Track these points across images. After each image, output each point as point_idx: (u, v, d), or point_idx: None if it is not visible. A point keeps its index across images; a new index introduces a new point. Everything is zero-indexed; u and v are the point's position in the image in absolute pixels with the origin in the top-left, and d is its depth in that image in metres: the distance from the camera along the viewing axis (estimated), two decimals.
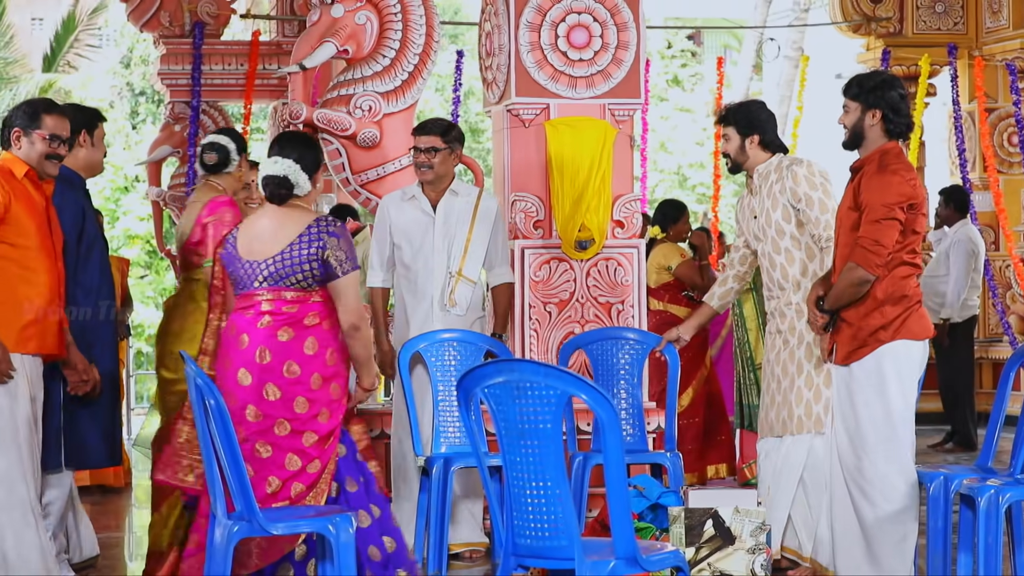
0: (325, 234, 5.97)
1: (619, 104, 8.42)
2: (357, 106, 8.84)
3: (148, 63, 27.61)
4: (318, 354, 6.01)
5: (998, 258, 14.57)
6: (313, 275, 5.98)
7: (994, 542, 6.18)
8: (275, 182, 6.06)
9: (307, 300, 6.01)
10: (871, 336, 6.43)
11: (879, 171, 6.39)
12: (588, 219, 8.26)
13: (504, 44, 8.37)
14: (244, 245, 6.08)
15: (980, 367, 14.18)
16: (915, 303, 6.50)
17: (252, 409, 5.96)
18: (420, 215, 7.75)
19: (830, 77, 25.71)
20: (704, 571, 6.64)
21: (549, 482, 4.99)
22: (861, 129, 6.51)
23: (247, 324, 6.01)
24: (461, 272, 7.70)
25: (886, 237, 6.33)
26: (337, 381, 6.06)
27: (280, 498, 5.97)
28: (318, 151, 6.20)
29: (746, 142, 7.21)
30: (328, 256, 5.95)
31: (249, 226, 6.15)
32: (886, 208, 6.32)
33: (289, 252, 5.96)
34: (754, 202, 7.29)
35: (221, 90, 14.18)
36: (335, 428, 6.03)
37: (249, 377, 5.97)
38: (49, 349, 6.41)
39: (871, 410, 6.45)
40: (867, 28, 14.85)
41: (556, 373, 4.94)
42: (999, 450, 6.73)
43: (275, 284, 5.99)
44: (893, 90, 6.47)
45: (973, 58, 14.60)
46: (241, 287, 6.08)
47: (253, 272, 6.01)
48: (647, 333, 8.02)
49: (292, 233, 5.99)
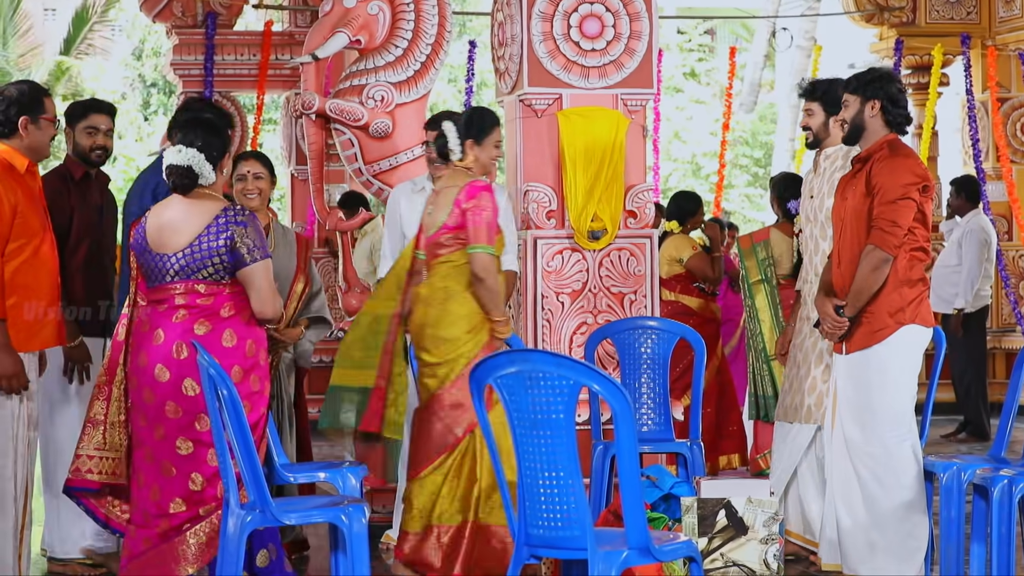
0: (232, 224, 5.84)
1: (631, 94, 8.41)
2: (369, 96, 8.84)
3: (160, 55, 27.62)
4: (237, 346, 5.90)
5: (1011, 248, 14.55)
6: (224, 266, 5.85)
7: (1007, 532, 6.17)
8: (179, 172, 5.92)
9: (221, 292, 5.88)
10: (891, 317, 6.45)
11: (891, 155, 6.44)
12: (601, 209, 8.25)
13: (516, 34, 8.36)
14: (154, 237, 5.94)
15: (993, 357, 14.16)
16: (927, 287, 6.57)
17: (172, 405, 5.85)
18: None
19: (843, 67, 25.68)
20: (717, 561, 6.65)
21: (562, 472, 4.99)
22: (861, 121, 6.56)
23: (161, 319, 5.89)
24: None
25: (903, 217, 6.37)
26: (257, 372, 5.96)
27: (205, 495, 5.88)
28: (224, 138, 6.04)
29: (831, 120, 7.28)
30: (237, 245, 5.82)
31: (157, 216, 6.00)
32: (902, 188, 6.37)
33: (198, 244, 5.83)
34: (815, 182, 7.35)
35: (233, 80, 14.19)
36: (258, 420, 5.92)
37: (167, 373, 5.84)
38: (50, 343, 6.43)
39: (886, 393, 6.46)
40: (880, 18, 14.82)
41: (569, 363, 4.94)
42: (1012, 440, 6.73)
43: (187, 277, 5.86)
44: (891, 83, 6.56)
45: (986, 48, 14.56)
46: (153, 280, 5.94)
47: (164, 265, 5.89)
48: (671, 322, 8.08)
49: (200, 224, 5.86)
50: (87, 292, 7.26)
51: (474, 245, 6.79)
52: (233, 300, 5.91)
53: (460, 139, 6.97)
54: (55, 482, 7.22)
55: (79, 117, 7.43)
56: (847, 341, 6.56)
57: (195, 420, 5.85)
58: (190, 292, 5.88)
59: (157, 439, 5.86)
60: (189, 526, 5.84)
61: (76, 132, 7.41)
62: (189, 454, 5.86)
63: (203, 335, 5.84)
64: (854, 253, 6.51)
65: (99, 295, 7.36)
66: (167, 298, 5.90)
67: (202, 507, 5.85)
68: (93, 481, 6.09)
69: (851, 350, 6.56)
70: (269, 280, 5.92)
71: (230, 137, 6.14)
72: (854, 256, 6.50)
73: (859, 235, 6.51)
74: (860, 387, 6.51)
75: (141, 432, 5.93)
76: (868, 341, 6.48)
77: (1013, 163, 14.45)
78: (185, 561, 5.82)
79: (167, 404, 5.85)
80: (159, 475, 5.87)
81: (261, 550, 6.09)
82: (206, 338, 5.83)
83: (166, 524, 5.85)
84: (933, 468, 6.54)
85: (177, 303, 5.88)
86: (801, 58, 26.62)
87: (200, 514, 5.85)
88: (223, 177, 6.06)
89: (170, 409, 5.85)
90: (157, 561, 5.84)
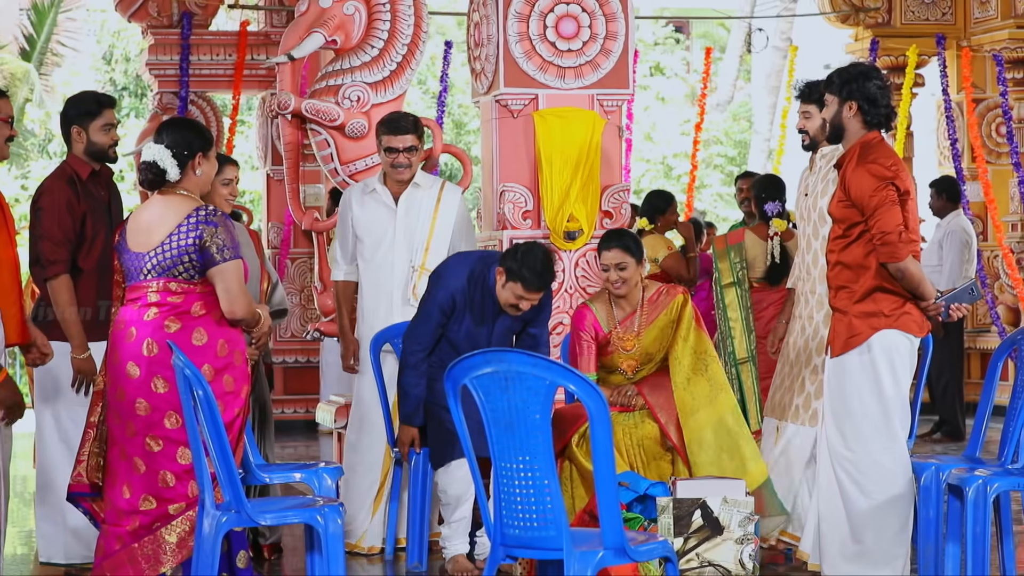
0: (203, 223, 5.83)
1: (608, 95, 8.42)
2: (345, 96, 8.82)
3: (129, 60, 27.54)
4: (208, 345, 5.88)
5: (987, 248, 14.58)
6: (194, 265, 5.85)
7: (982, 532, 6.19)
8: (144, 167, 5.94)
9: (192, 291, 5.88)
10: (864, 322, 6.42)
11: (858, 163, 6.39)
12: (576, 210, 8.26)
13: (492, 34, 8.36)
14: (131, 235, 5.97)
15: (969, 357, 14.19)
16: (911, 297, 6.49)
17: (142, 403, 5.84)
18: (382, 209, 7.70)
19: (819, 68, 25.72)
20: (692, 561, 6.65)
21: (538, 473, 5.00)
22: (840, 122, 6.50)
23: (134, 317, 5.89)
24: (424, 266, 7.66)
25: (888, 223, 6.30)
26: (230, 373, 5.93)
27: (177, 493, 5.86)
28: (197, 138, 6.00)
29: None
30: (207, 244, 5.82)
31: (137, 216, 6.02)
32: (872, 197, 6.31)
33: (170, 243, 5.83)
34: (809, 180, 7.34)
35: (209, 80, 14.16)
36: (233, 421, 5.90)
37: (137, 370, 5.84)
38: (14, 340, 6.41)
39: (864, 400, 6.42)
40: (855, 18, 14.85)
41: (545, 364, 4.94)
42: (987, 440, 6.75)
43: (160, 275, 5.87)
44: (870, 81, 6.44)
45: (961, 49, 14.60)
46: (130, 278, 5.96)
47: (139, 263, 5.90)
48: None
49: (172, 223, 5.86)
50: (98, 293, 7.15)
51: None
52: (204, 299, 5.91)
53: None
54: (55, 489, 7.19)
55: (94, 115, 7.24)
56: (831, 344, 6.56)
57: (164, 417, 5.84)
58: (163, 290, 5.88)
59: (128, 436, 5.87)
60: (160, 525, 5.83)
61: (91, 131, 7.23)
62: (159, 451, 5.85)
63: (173, 333, 5.83)
64: (834, 255, 6.51)
65: (106, 295, 7.27)
66: (141, 296, 5.91)
67: (172, 505, 5.84)
68: (84, 484, 6.11)
69: (834, 354, 6.54)
70: (239, 280, 5.92)
71: (209, 138, 6.12)
72: (835, 259, 6.49)
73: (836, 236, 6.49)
74: (839, 391, 6.50)
75: (114, 429, 5.94)
76: (845, 346, 6.47)
77: (988, 164, 14.49)
78: (157, 561, 5.81)
79: (137, 401, 5.85)
80: (130, 472, 5.87)
81: (240, 551, 6.07)
82: (176, 336, 5.82)
83: (136, 522, 5.84)
84: (912, 469, 6.56)
85: (150, 300, 5.89)
86: (777, 59, 26.66)
87: (170, 512, 5.84)
88: (197, 177, 6.02)
89: (140, 406, 5.85)
90: (129, 560, 5.83)
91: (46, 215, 7.11)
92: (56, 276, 7.02)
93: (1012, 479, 6.27)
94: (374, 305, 7.71)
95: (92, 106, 7.29)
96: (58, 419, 7.26)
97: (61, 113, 7.40)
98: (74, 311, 7.00)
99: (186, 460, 5.81)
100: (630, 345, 7.31)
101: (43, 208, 7.13)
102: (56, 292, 7.01)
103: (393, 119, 7.67)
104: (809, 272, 7.28)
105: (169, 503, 5.85)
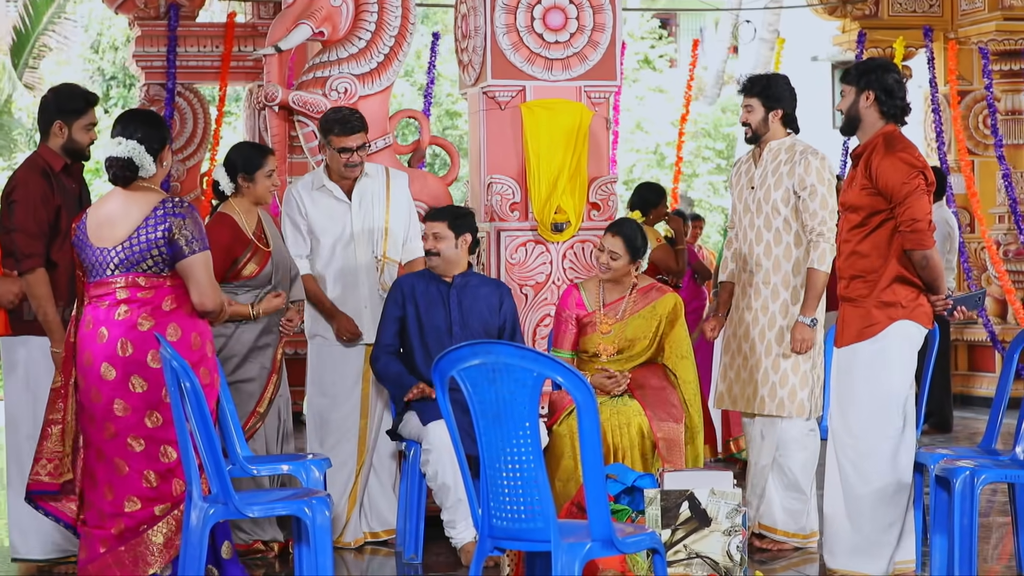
0: (171, 215, 5.80)
1: (595, 86, 8.41)
2: (333, 88, 8.81)
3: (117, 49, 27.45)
4: (182, 339, 5.86)
5: (972, 240, 14.61)
6: (163, 258, 5.82)
7: (969, 523, 6.20)
8: (119, 164, 5.88)
9: (162, 285, 5.85)
10: (883, 312, 6.49)
11: (886, 152, 6.46)
12: (564, 201, 8.25)
13: (480, 26, 8.35)
14: (93, 231, 5.90)
15: (955, 349, 14.22)
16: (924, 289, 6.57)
17: (120, 403, 5.82)
18: (335, 203, 7.71)
19: (806, 59, 25.76)
20: (680, 553, 6.65)
21: (526, 465, 5.00)
22: (856, 112, 6.60)
23: (104, 316, 5.84)
24: (386, 255, 7.69)
25: (919, 211, 6.42)
26: (205, 365, 5.92)
27: (161, 492, 5.85)
28: (164, 130, 5.99)
29: (770, 115, 7.34)
30: (175, 236, 5.79)
31: (96, 210, 5.96)
32: (905, 184, 6.40)
33: (137, 237, 5.79)
34: (755, 173, 7.39)
35: (196, 72, 14.13)
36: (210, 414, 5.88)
37: (113, 371, 5.81)
38: None
39: (871, 388, 6.50)
40: (843, 10, 14.86)
41: (532, 355, 4.94)
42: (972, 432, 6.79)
43: (127, 270, 5.82)
44: (888, 73, 6.60)
45: (948, 41, 14.62)
46: (94, 275, 5.90)
47: (105, 259, 5.85)
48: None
49: (139, 217, 5.82)
50: (71, 287, 7.11)
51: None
52: (174, 293, 5.87)
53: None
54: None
55: (80, 113, 7.19)
56: (840, 334, 6.61)
57: (145, 417, 5.82)
58: (131, 286, 5.83)
59: (107, 438, 5.82)
60: (147, 527, 5.80)
61: (74, 129, 7.18)
62: (141, 451, 5.83)
63: (147, 331, 5.80)
64: (849, 244, 6.56)
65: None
66: (108, 293, 5.85)
67: (158, 505, 5.82)
68: (52, 484, 6.07)
69: (844, 344, 6.59)
70: (208, 272, 5.88)
71: (169, 131, 6.09)
72: (850, 249, 6.55)
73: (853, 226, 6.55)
74: (848, 380, 6.58)
75: (89, 432, 5.89)
76: (860, 336, 6.52)
77: (974, 155, 14.51)
78: (146, 563, 5.80)
79: (115, 402, 5.81)
80: (112, 474, 5.84)
81: (225, 541, 6.06)
82: (150, 333, 5.78)
83: (122, 524, 5.82)
84: (924, 460, 6.63)
85: (119, 297, 5.83)
86: (765, 51, 26.67)
87: (156, 513, 5.82)
88: (163, 169, 6.00)
89: (119, 407, 5.81)
90: (115, 563, 5.80)
91: (20, 208, 7.03)
92: (32, 270, 6.97)
93: (1000, 471, 6.30)
94: (342, 300, 7.71)
95: (79, 104, 7.24)
96: (34, 414, 7.16)
97: (42, 104, 7.29)
98: (52, 305, 6.96)
99: (168, 458, 5.80)
100: (607, 328, 7.40)
101: (16, 201, 7.06)
102: (33, 286, 6.96)
103: (343, 119, 7.68)
104: (759, 264, 7.34)
105: (154, 503, 5.83)
